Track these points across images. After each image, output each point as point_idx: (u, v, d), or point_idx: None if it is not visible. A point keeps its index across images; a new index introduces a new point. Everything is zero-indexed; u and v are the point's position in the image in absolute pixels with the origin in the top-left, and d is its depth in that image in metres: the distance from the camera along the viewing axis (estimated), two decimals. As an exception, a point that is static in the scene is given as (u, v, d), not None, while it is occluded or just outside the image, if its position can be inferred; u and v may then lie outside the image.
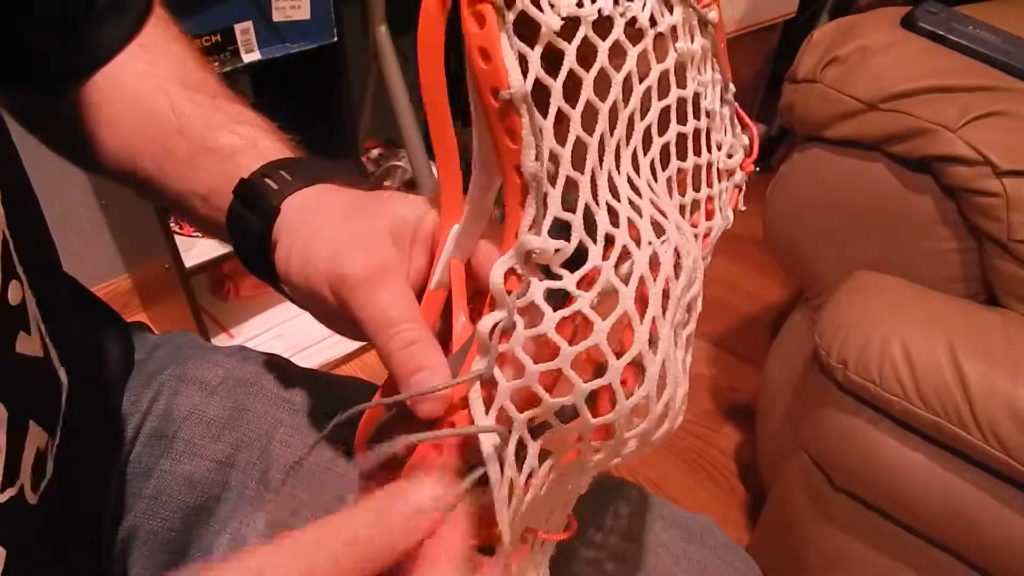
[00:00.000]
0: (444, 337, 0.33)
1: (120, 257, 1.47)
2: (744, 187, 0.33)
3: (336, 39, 1.17)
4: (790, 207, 0.95)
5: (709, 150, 0.31)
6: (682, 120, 0.29)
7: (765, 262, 1.63)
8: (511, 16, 0.21)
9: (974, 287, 0.81)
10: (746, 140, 0.33)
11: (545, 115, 0.22)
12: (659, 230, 0.26)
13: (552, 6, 0.22)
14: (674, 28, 0.27)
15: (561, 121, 0.23)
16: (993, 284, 0.79)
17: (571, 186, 0.23)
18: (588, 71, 0.24)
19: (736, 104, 0.32)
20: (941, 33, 0.82)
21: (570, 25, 0.23)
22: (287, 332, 1.42)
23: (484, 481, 0.24)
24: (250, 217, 0.36)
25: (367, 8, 1.28)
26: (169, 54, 0.44)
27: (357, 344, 1.38)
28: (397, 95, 1.32)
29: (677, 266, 0.26)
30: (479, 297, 0.32)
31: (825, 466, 0.85)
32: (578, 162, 0.24)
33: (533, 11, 0.22)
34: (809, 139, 0.89)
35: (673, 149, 0.29)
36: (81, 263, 1.41)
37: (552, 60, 0.22)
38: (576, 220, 0.23)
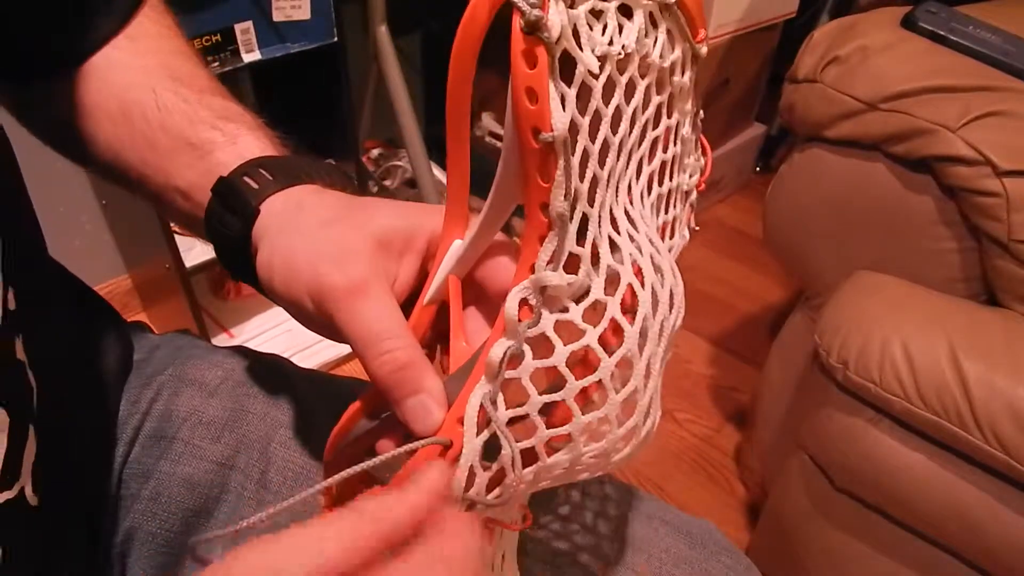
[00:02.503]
0: (433, 346, 0.34)
1: (120, 257, 1.47)
2: (695, 206, 0.35)
3: (336, 39, 1.17)
4: (790, 207, 0.95)
5: (678, 174, 0.32)
6: (665, 149, 0.30)
7: (765, 262, 1.64)
8: (556, 54, 0.22)
9: (974, 287, 0.81)
10: (703, 162, 0.34)
11: (573, 153, 0.23)
12: (657, 268, 0.27)
13: (589, 46, 0.23)
14: (675, 64, 0.28)
15: (583, 158, 0.24)
16: (993, 284, 0.79)
17: (583, 221, 0.24)
18: (607, 106, 0.24)
19: (700, 128, 0.34)
20: (941, 33, 0.82)
21: (599, 61, 0.24)
22: (287, 332, 1.42)
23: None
24: (228, 218, 0.35)
25: (367, 8, 1.28)
26: (158, 46, 0.43)
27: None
28: (397, 95, 1.31)
29: (673, 302, 0.28)
30: (469, 311, 0.33)
31: (825, 466, 0.85)
32: (591, 198, 0.25)
33: (577, 52, 0.22)
34: (809, 139, 0.89)
35: (655, 177, 0.30)
36: (81, 263, 1.41)
37: (581, 100, 0.23)
38: (585, 254, 0.24)
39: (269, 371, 0.46)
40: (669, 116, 0.30)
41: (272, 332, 1.43)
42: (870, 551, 0.87)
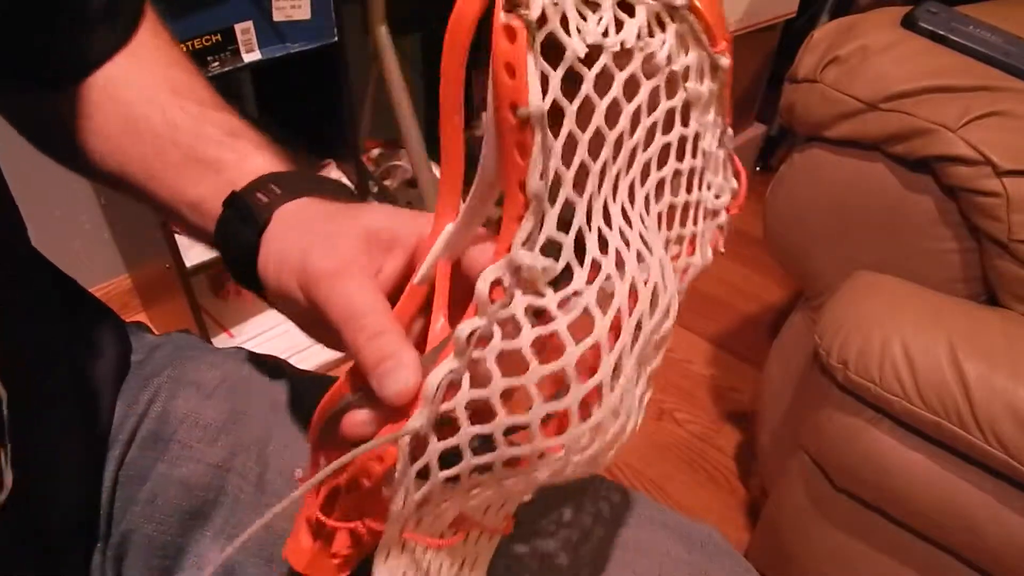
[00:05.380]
0: (423, 334, 0.34)
1: (120, 257, 1.47)
2: (725, 230, 0.33)
3: (336, 39, 1.17)
4: (790, 207, 0.95)
5: (700, 189, 0.31)
6: (680, 157, 0.30)
7: (765, 262, 1.63)
8: (540, 36, 0.22)
9: (974, 287, 0.81)
10: (735, 184, 0.33)
11: (556, 136, 0.23)
12: (643, 264, 0.27)
13: (579, 32, 0.23)
14: (687, 68, 0.28)
15: (569, 144, 0.24)
16: (993, 284, 0.79)
17: (567, 208, 0.24)
18: (602, 98, 0.24)
19: (731, 150, 0.33)
20: (941, 33, 0.82)
21: (592, 52, 0.23)
22: (286, 333, 1.42)
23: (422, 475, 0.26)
24: (241, 227, 0.36)
25: (367, 8, 1.28)
26: (158, 59, 0.44)
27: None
28: (397, 95, 1.31)
29: (654, 302, 0.27)
30: (458, 304, 0.32)
31: (825, 466, 0.85)
32: (579, 185, 0.24)
33: (562, 35, 0.22)
34: (809, 139, 0.89)
35: (668, 184, 0.30)
36: (81, 263, 1.41)
37: (569, 82, 0.23)
38: (568, 241, 0.24)
39: (267, 373, 0.46)
40: (684, 124, 0.29)
41: (272, 332, 1.43)
42: (870, 551, 0.86)
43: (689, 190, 0.31)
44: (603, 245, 0.25)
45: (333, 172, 1.37)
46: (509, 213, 0.24)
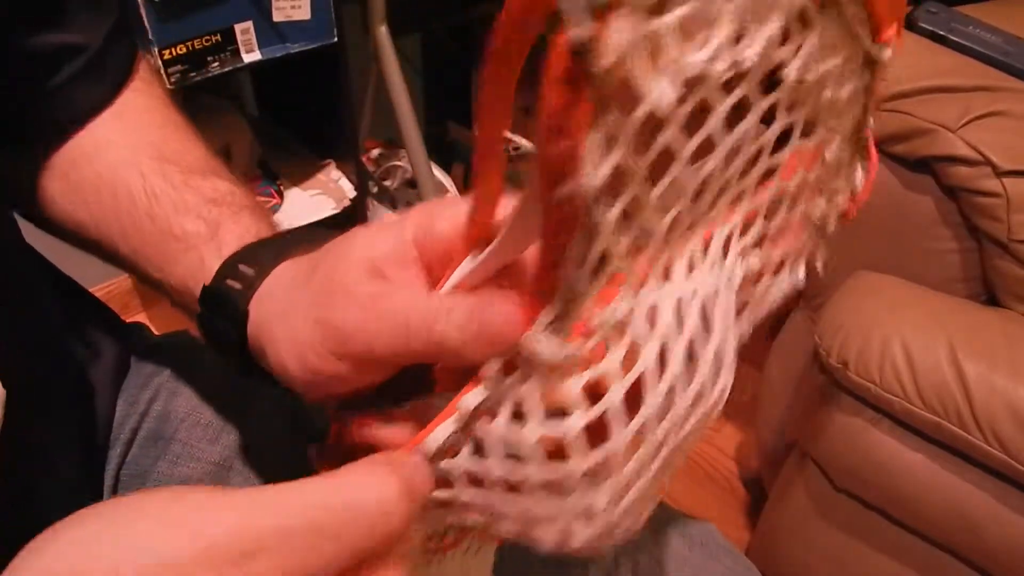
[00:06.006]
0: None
1: (120, 257, 1.47)
2: (825, 234, 0.27)
3: (336, 39, 1.17)
4: (790, 207, 0.94)
5: (808, 202, 0.26)
6: (790, 176, 0.24)
7: (765, 262, 1.63)
8: (610, 83, 0.15)
9: (974, 287, 0.81)
10: (859, 180, 0.27)
11: (610, 207, 0.18)
12: (692, 356, 0.22)
13: (675, 68, 0.16)
14: (825, 76, 0.21)
15: (633, 206, 0.18)
16: (993, 284, 0.79)
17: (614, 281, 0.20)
18: (688, 139, 0.18)
19: (870, 138, 0.26)
20: (941, 33, 0.82)
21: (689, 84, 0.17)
22: (287, 332, 1.42)
23: None
24: (221, 325, 0.33)
25: (367, 8, 1.28)
26: (147, 120, 0.41)
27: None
28: (397, 95, 1.31)
29: (699, 400, 0.22)
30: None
31: (825, 466, 0.85)
32: (634, 252, 0.19)
33: (638, 85, 0.15)
34: (809, 139, 0.88)
35: (762, 212, 0.24)
36: (81, 263, 1.40)
37: (641, 139, 0.17)
38: (607, 320, 0.20)
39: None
40: (807, 136, 0.23)
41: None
42: (870, 551, 0.86)
43: (792, 207, 0.25)
44: (651, 318, 0.21)
45: (333, 172, 1.37)
46: (538, 285, 0.20)
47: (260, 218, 0.37)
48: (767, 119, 0.21)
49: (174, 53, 1.01)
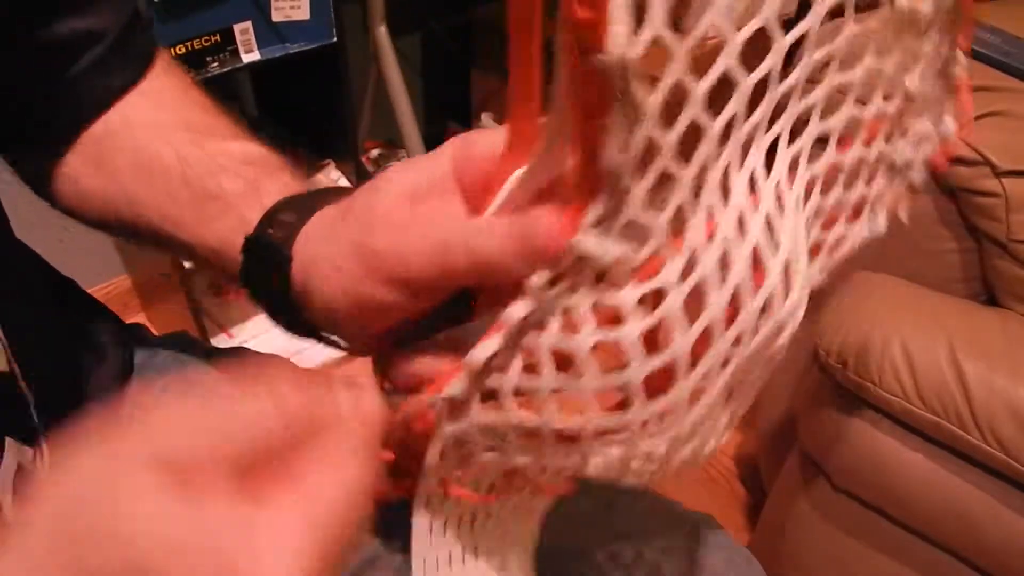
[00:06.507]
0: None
1: (119, 257, 1.47)
2: (918, 188, 0.25)
3: (336, 39, 1.17)
4: (790, 207, 0.94)
5: (888, 140, 0.24)
6: (865, 100, 0.22)
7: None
8: None
9: (974, 287, 0.81)
10: (949, 126, 0.25)
11: (654, 87, 0.16)
12: (759, 265, 0.21)
13: None
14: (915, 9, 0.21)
15: (675, 96, 0.17)
16: (993, 284, 0.79)
17: (666, 180, 0.18)
18: (741, 30, 0.17)
19: (962, 76, 0.24)
20: (941, 33, 0.82)
21: None
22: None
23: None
24: (265, 274, 0.33)
25: (367, 8, 1.28)
26: (172, 100, 0.42)
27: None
28: (397, 95, 1.31)
29: (768, 310, 0.21)
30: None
31: (825, 466, 0.85)
32: (686, 151, 0.18)
33: None
34: (809, 139, 0.88)
35: (835, 138, 0.23)
36: (81, 263, 1.41)
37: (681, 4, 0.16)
38: (660, 222, 0.19)
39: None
40: (883, 54, 0.21)
41: (272, 332, 1.43)
42: (870, 551, 0.86)
43: (869, 143, 0.23)
44: (710, 229, 0.20)
45: (333, 172, 1.37)
46: (580, 184, 0.19)
47: (297, 177, 0.38)
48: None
49: (174, 53, 1.01)
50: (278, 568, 0.18)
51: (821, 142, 0.22)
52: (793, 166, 0.22)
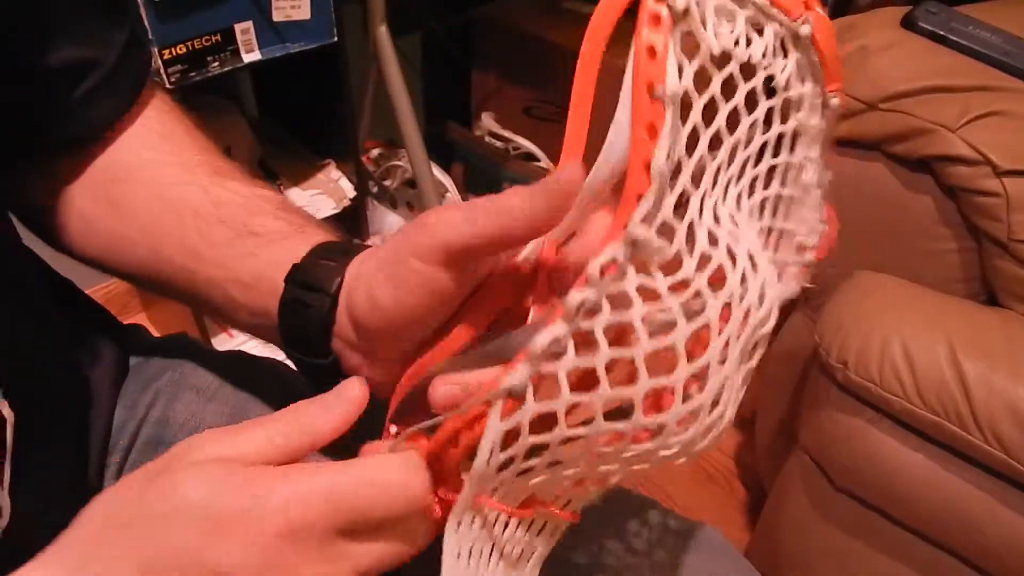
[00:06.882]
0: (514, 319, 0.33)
1: (120, 257, 1.47)
2: (808, 270, 0.33)
3: (336, 39, 1.17)
4: (790, 207, 0.94)
5: (796, 222, 0.32)
6: (784, 183, 0.30)
7: (765, 261, 1.63)
8: (681, 28, 0.24)
9: (974, 287, 0.81)
10: (823, 229, 0.33)
11: (684, 122, 0.24)
12: (752, 264, 0.27)
13: (715, 35, 0.25)
14: (802, 98, 0.29)
15: (692, 138, 0.25)
16: (993, 284, 0.79)
17: (681, 199, 0.25)
18: (725, 102, 0.26)
19: (823, 194, 0.33)
20: (941, 33, 0.82)
21: (722, 59, 0.25)
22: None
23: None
24: (311, 298, 0.34)
25: (367, 8, 1.28)
26: (191, 143, 0.43)
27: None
28: (397, 95, 1.31)
29: (762, 297, 0.27)
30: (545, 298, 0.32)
31: (825, 466, 0.85)
32: (696, 179, 0.25)
33: (700, 31, 0.24)
34: (809, 139, 0.88)
35: (769, 206, 0.30)
36: (80, 264, 1.41)
37: (697, 82, 0.24)
38: (680, 229, 0.25)
39: (268, 375, 0.46)
40: (792, 151, 0.30)
41: (272, 332, 1.43)
42: (870, 551, 0.87)
43: (786, 218, 0.31)
44: (712, 240, 0.26)
45: (333, 172, 1.37)
46: (629, 193, 0.24)
47: (330, 230, 0.39)
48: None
49: (174, 53, 1.01)
50: None
51: (762, 206, 0.30)
52: (748, 215, 0.29)
